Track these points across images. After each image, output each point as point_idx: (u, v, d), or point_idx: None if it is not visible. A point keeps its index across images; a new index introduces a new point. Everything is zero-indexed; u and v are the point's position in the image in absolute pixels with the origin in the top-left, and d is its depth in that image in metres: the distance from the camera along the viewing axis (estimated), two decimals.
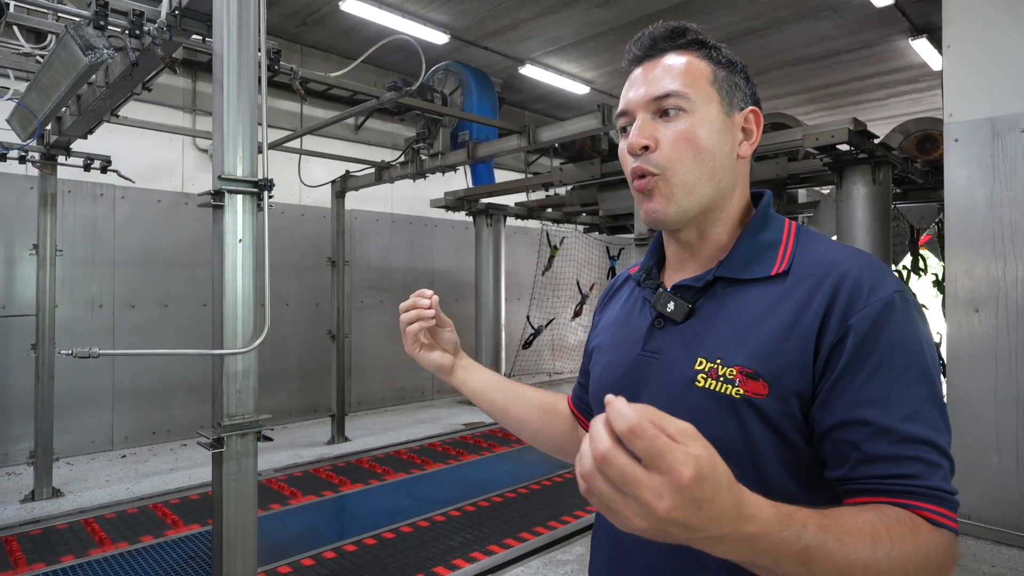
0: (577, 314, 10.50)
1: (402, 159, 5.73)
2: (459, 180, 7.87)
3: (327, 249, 6.63)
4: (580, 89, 8.65)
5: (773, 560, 0.59)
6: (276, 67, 2.71)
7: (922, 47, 7.14)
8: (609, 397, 0.55)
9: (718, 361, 0.80)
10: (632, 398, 0.89)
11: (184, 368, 6.33)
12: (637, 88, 0.89)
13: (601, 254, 11.10)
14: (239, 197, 2.00)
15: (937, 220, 7.65)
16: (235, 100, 1.99)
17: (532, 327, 9.53)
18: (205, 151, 6.60)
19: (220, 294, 1.99)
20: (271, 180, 2.02)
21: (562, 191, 8.06)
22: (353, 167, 6.63)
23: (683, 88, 0.85)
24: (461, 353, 1.14)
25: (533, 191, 7.87)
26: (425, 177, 5.75)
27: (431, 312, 1.07)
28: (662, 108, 0.86)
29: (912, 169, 6.14)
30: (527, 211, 8.55)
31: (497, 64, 7.65)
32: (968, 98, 3.84)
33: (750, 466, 0.78)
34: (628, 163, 0.89)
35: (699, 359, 0.82)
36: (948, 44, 3.93)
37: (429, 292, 1.08)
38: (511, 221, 8.77)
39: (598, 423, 0.54)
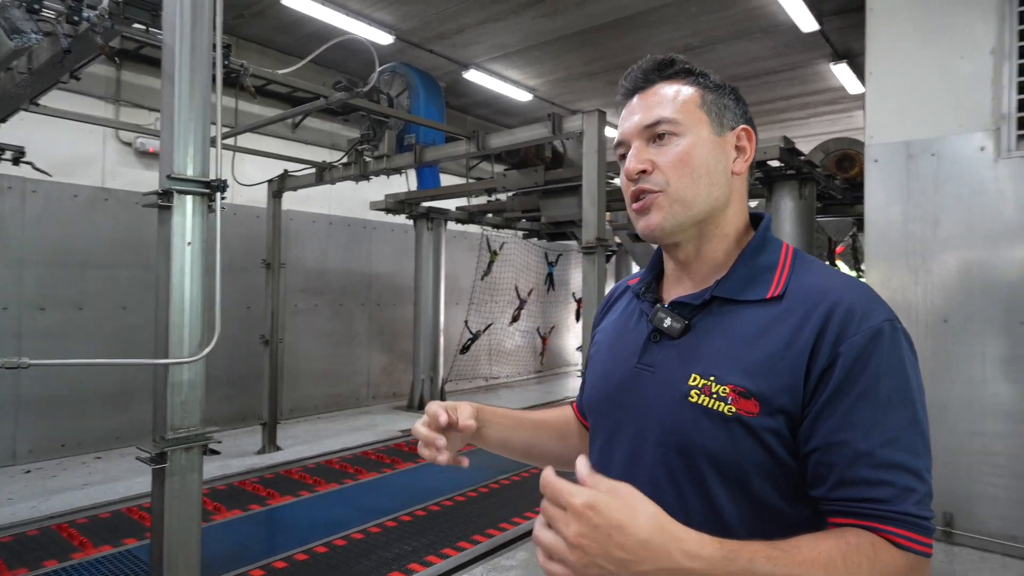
0: (515, 319, 10.58)
1: (345, 160, 5.59)
2: (399, 182, 7.76)
3: (261, 250, 6.37)
4: (523, 96, 8.72)
5: None
6: (226, 62, 2.59)
7: (842, 72, 7.64)
8: (544, 476, 0.66)
9: (712, 378, 0.82)
10: (623, 409, 0.92)
11: (98, 375, 5.91)
12: (631, 118, 0.93)
13: (539, 260, 11.22)
14: (189, 198, 1.89)
15: (851, 234, 8.19)
16: (187, 96, 1.88)
17: (470, 332, 9.52)
18: (129, 144, 6.21)
19: (166, 300, 1.87)
20: (224, 181, 1.92)
21: (503, 196, 8.10)
22: (289, 166, 6.41)
23: (673, 114, 0.90)
24: (477, 412, 1.06)
25: (476, 196, 7.86)
26: (369, 179, 5.63)
27: (442, 450, 0.99)
28: (655, 134, 0.90)
29: (833, 185, 6.55)
30: (468, 215, 8.53)
31: (441, 68, 7.61)
32: (887, 122, 4.14)
33: (737, 481, 0.81)
34: (627, 187, 0.93)
35: (693, 375, 0.84)
36: (871, 71, 4.22)
37: (444, 417, 0.99)
38: (451, 225, 8.73)
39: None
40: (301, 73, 4.30)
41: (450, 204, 8.50)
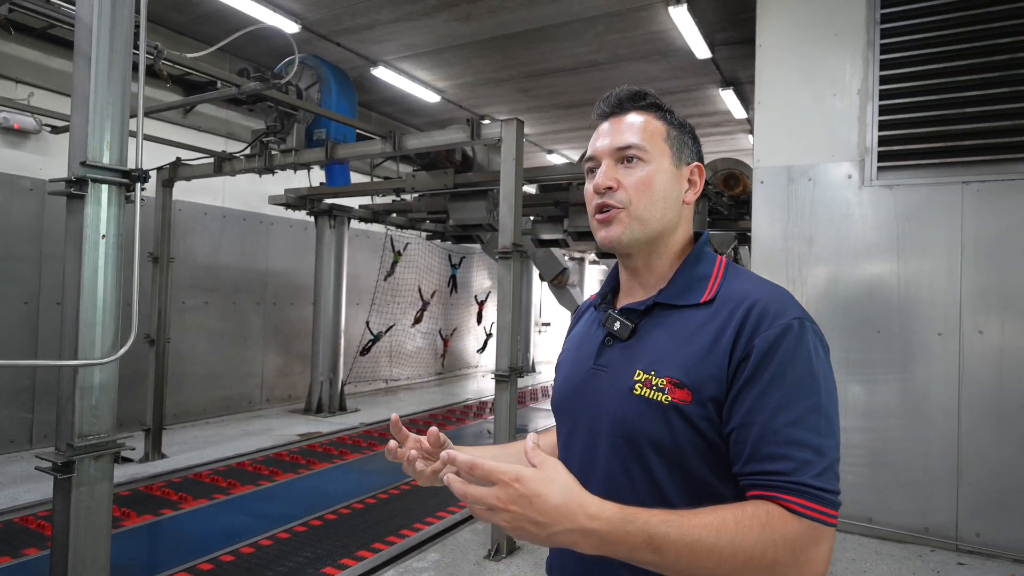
0: (417, 320, 10.50)
1: (248, 152, 5.31)
2: (299, 176, 7.47)
3: (146, 243, 5.90)
4: (431, 97, 8.70)
5: (627, 549, 0.76)
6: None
7: (729, 97, 8.30)
8: (451, 454, 0.80)
9: (652, 373, 0.94)
10: (582, 406, 1.02)
11: None
12: (604, 139, 1.04)
13: (443, 261, 11.22)
14: (104, 187, 1.76)
15: (732, 246, 8.92)
16: (105, 78, 1.75)
17: (371, 333, 9.33)
18: None
19: (75, 297, 1.73)
20: (146, 171, 1.80)
21: (408, 196, 8.02)
22: (181, 153, 5.99)
23: (642, 142, 1.01)
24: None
25: (384, 195, 7.73)
26: (273, 173, 5.39)
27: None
28: (625, 156, 1.01)
29: (720, 202, 7.11)
30: (372, 214, 8.38)
31: (349, 62, 7.42)
32: (772, 148, 4.57)
33: (676, 462, 0.92)
34: (592, 199, 1.03)
35: (637, 371, 0.96)
36: (759, 101, 4.64)
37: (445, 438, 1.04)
38: (353, 224, 8.52)
39: (449, 478, 0.78)
40: (202, 58, 4.05)
41: (353, 202, 8.31)
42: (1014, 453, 3.80)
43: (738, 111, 8.75)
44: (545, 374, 13.47)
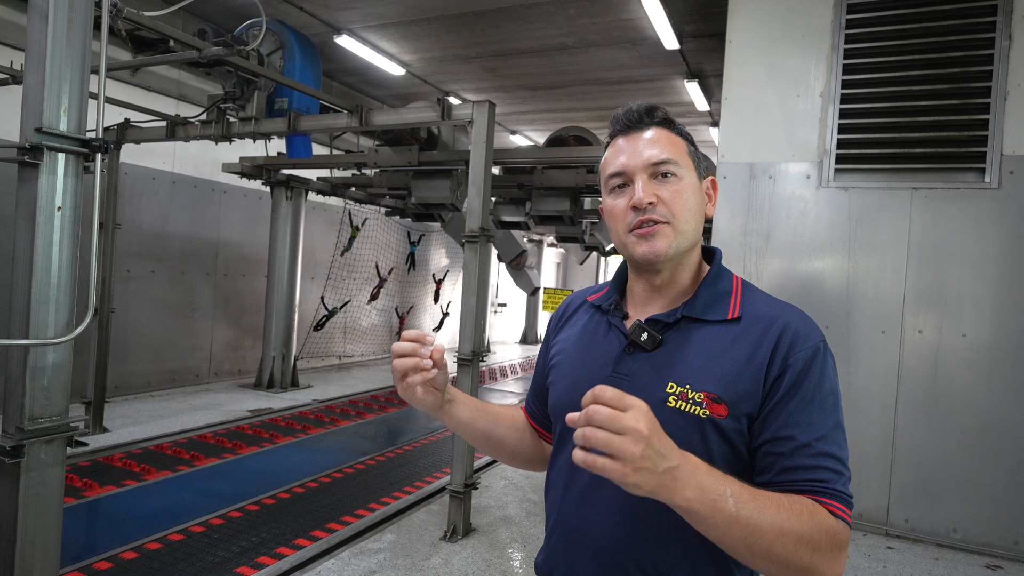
0: (374, 297, 10.37)
1: (204, 117, 5.06)
2: (256, 144, 7.19)
3: (89, 208, 5.58)
4: (396, 70, 8.48)
5: (711, 500, 0.78)
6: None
7: (693, 89, 8.39)
8: (598, 388, 0.75)
9: (688, 386, 0.96)
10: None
11: None
12: (632, 154, 1.03)
13: (401, 238, 11.07)
14: (62, 156, 1.65)
15: None
16: (63, 38, 1.63)
17: (326, 308, 9.16)
18: None
19: (27, 273, 1.63)
20: (107, 141, 1.70)
21: (369, 171, 7.85)
22: (129, 114, 5.68)
23: (675, 157, 1.02)
24: (449, 387, 1.11)
25: (344, 169, 7.54)
26: (231, 141, 5.16)
27: (429, 364, 1.02)
28: (659, 172, 1.01)
29: None
30: (331, 187, 8.17)
31: (311, 28, 7.14)
32: (736, 144, 4.66)
33: None
34: (624, 215, 1.02)
35: (670, 383, 0.98)
36: (726, 97, 4.71)
37: (432, 337, 1.05)
38: (311, 196, 8.29)
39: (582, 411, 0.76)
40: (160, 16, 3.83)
41: (311, 173, 8.08)
42: (942, 445, 4.05)
43: (701, 103, 8.86)
44: (500, 354, 13.53)
